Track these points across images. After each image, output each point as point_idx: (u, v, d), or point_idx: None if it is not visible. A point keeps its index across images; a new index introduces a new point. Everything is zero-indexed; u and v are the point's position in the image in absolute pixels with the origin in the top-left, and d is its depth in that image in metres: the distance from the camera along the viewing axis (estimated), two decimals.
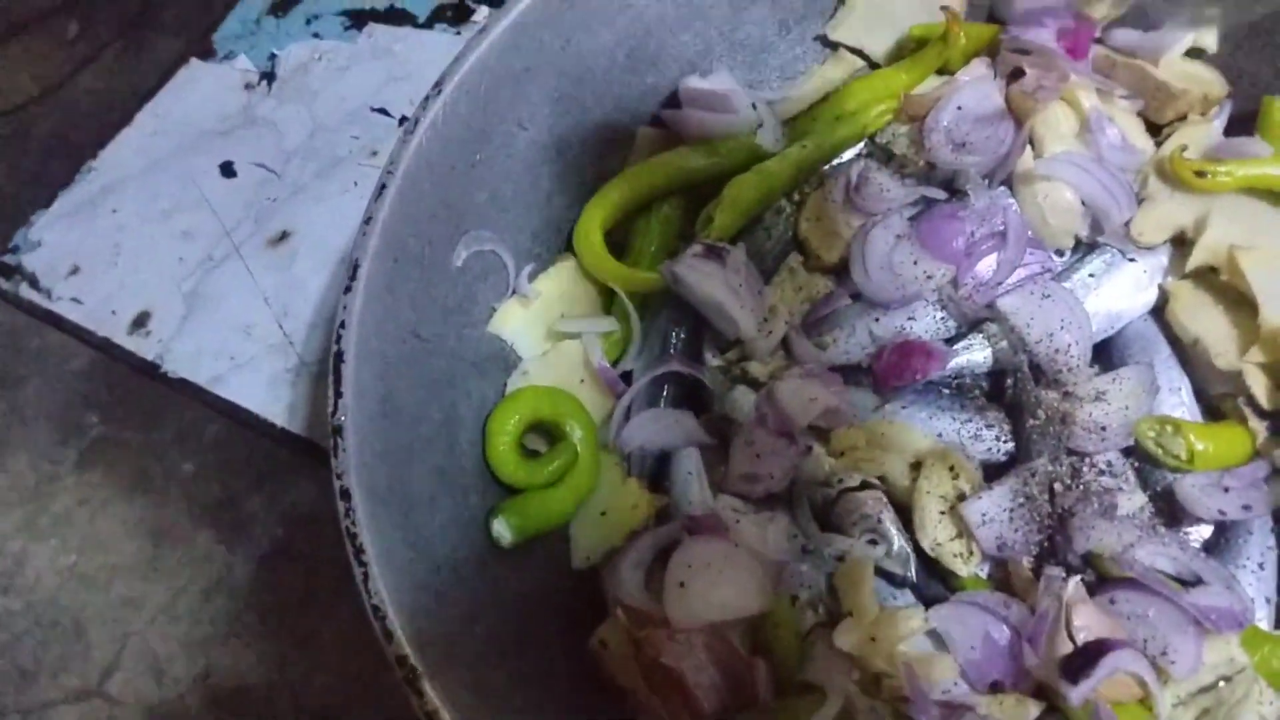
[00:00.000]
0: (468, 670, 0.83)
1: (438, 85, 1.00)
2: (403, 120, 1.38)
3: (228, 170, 1.39)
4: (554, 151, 1.10)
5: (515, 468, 0.97)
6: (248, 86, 1.47)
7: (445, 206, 1.01)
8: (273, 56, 1.48)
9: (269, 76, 1.47)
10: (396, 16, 1.50)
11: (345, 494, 0.85)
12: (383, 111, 1.41)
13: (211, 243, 1.34)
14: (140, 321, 1.30)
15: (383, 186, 0.96)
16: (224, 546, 2.44)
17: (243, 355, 1.25)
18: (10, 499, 2.04)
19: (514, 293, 1.06)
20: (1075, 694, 0.78)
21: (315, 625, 2.28)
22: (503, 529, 0.93)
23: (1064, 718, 0.82)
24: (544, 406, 1.00)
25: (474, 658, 0.85)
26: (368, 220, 0.95)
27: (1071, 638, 0.81)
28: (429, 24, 1.49)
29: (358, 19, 1.51)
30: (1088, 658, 0.79)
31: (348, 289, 0.93)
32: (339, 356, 0.90)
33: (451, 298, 1.01)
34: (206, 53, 1.52)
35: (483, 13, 1.47)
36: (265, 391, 1.22)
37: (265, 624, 2.29)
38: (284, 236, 1.32)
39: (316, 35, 1.50)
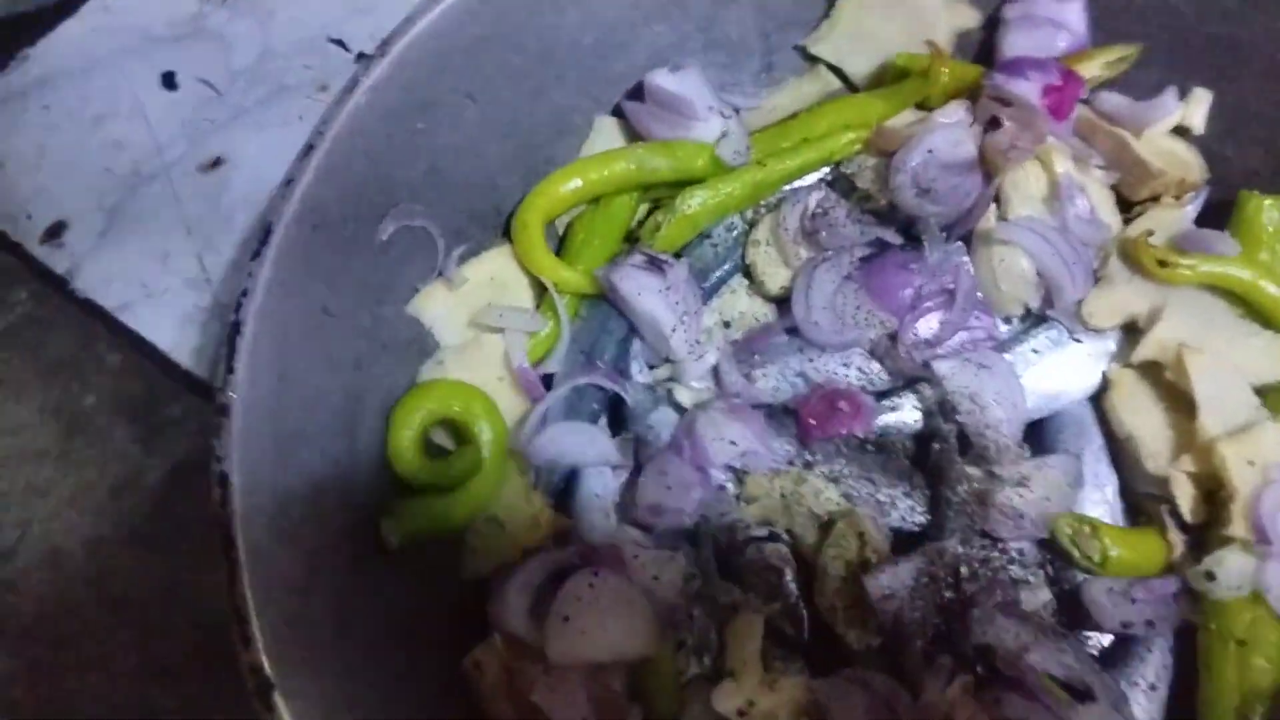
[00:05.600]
0: (332, 680, 0.79)
1: (383, 46, 0.94)
2: (360, 56, 1.31)
3: (169, 82, 1.32)
4: (503, 130, 1.03)
5: (415, 465, 0.92)
6: None
7: (378, 176, 0.95)
8: None
9: None
10: None
11: (223, 479, 0.80)
12: (340, 44, 1.33)
13: (141, 157, 1.27)
14: (55, 231, 1.23)
15: (310, 147, 0.90)
16: (140, 446, 2.37)
17: (156, 286, 1.18)
18: None
19: (440, 274, 1.00)
20: None
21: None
22: (390, 532, 0.89)
23: None
24: (455, 402, 0.95)
25: (342, 668, 0.81)
26: (288, 182, 0.89)
27: None
28: None
29: None
30: None
31: (256, 254, 0.87)
32: (236, 327, 0.84)
33: (372, 275, 0.96)
34: None
35: None
36: (174, 329, 1.16)
37: (170, 533, 2.23)
38: (217, 163, 1.25)
39: None
